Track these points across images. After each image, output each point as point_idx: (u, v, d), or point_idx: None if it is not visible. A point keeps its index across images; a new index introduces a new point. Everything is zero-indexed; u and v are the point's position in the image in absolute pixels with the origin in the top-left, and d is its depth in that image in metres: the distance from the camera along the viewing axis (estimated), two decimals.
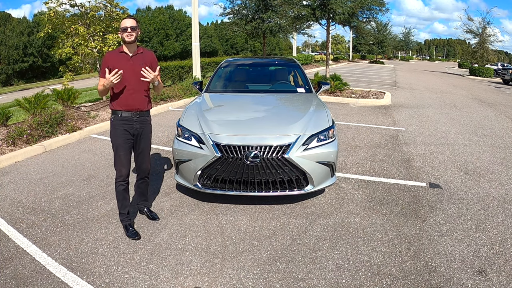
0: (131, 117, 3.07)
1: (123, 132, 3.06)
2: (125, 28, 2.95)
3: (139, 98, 3.08)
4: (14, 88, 36.91)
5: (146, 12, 57.90)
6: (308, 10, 12.02)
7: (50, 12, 9.06)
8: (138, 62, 3.03)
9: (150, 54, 3.19)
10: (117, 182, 3.08)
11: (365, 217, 3.46)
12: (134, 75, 3.00)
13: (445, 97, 12.85)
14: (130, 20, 2.99)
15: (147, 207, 3.49)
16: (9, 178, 4.54)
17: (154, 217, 3.41)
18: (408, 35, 50.97)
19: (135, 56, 3.05)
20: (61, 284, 2.50)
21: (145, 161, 3.28)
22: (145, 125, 3.18)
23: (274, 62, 6.21)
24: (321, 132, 3.56)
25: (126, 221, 3.16)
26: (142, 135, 3.17)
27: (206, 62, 16.25)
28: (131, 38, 2.97)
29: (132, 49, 3.05)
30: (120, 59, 3.00)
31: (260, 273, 2.62)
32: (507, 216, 3.54)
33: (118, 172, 3.08)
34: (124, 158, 3.06)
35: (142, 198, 3.47)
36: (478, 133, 7.15)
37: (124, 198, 3.12)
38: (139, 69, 3.01)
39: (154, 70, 3.11)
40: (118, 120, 3.07)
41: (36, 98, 7.08)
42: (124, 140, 3.06)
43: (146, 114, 3.19)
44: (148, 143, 3.27)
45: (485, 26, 27.68)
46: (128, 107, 3.05)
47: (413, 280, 2.55)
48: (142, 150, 3.23)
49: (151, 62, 3.13)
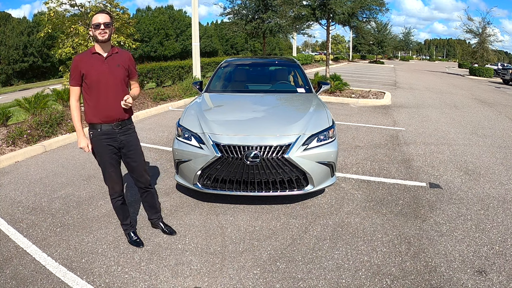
0: (113, 130, 2.70)
1: (107, 147, 2.70)
2: (97, 25, 2.54)
3: (118, 106, 2.67)
4: (14, 88, 36.94)
5: (146, 12, 57.91)
6: (308, 10, 12.02)
7: (50, 12, 9.07)
8: (114, 64, 2.66)
9: (126, 54, 2.80)
10: (112, 199, 2.86)
11: (365, 217, 3.46)
12: (111, 79, 2.63)
13: (445, 97, 12.85)
14: (103, 15, 2.58)
15: (161, 221, 3.18)
16: (9, 178, 4.54)
17: (171, 232, 3.11)
18: (408, 35, 50.97)
19: (110, 57, 2.66)
20: (61, 284, 2.50)
21: (142, 174, 2.93)
22: (129, 135, 2.81)
23: (274, 62, 6.21)
24: (321, 132, 3.56)
25: (129, 229, 3.00)
26: (129, 147, 2.80)
27: (206, 62, 16.25)
28: (105, 36, 2.57)
29: (106, 49, 2.65)
30: (94, 62, 2.61)
31: (260, 273, 2.62)
32: (507, 216, 3.54)
33: (111, 190, 2.83)
34: (115, 175, 2.78)
35: (153, 211, 3.13)
36: (478, 133, 7.15)
37: (124, 211, 2.95)
38: (116, 72, 2.65)
39: (132, 72, 2.82)
40: (99, 135, 2.68)
41: (36, 98, 7.09)
42: (110, 156, 2.73)
43: (128, 123, 2.81)
44: (139, 153, 2.89)
45: (485, 26, 27.69)
46: (108, 119, 2.66)
47: (413, 280, 2.55)
48: (134, 162, 2.85)
49: (128, 63, 2.76)
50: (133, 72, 2.84)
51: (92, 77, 2.60)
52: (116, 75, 2.66)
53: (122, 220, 2.99)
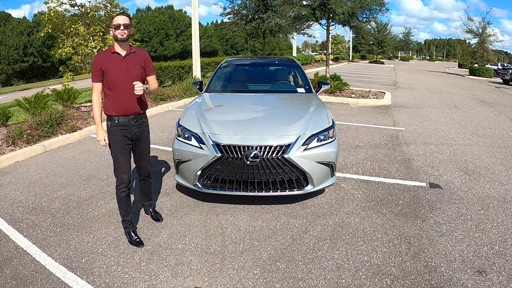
0: (129, 122, 2.96)
1: (122, 138, 2.94)
2: (117, 25, 2.79)
3: (134, 100, 2.94)
4: (14, 88, 36.92)
5: (146, 12, 57.88)
6: (308, 10, 12.02)
7: (50, 12, 9.05)
8: (132, 63, 2.90)
9: (143, 53, 3.05)
10: (119, 189, 2.97)
11: (365, 217, 3.46)
12: (129, 77, 2.86)
13: (445, 97, 12.85)
14: (123, 17, 2.84)
15: (152, 208, 3.49)
16: (9, 178, 4.54)
17: (157, 218, 3.41)
18: (408, 35, 50.97)
19: (128, 56, 2.90)
20: (61, 284, 2.50)
21: (145, 163, 3.24)
22: (143, 128, 3.10)
23: (274, 62, 6.21)
24: (321, 132, 3.56)
25: (129, 228, 3.06)
26: (141, 138, 3.10)
27: (206, 62, 16.25)
28: (124, 36, 2.82)
29: (125, 48, 2.90)
30: (113, 61, 2.85)
31: (260, 273, 2.62)
32: (507, 216, 3.54)
33: (119, 179, 2.96)
34: (125, 165, 2.96)
35: (146, 199, 3.46)
36: (478, 133, 7.15)
37: (127, 205, 3.03)
38: (133, 70, 2.89)
39: (149, 69, 3.05)
40: (115, 126, 2.93)
41: (36, 98, 7.09)
42: (123, 146, 2.95)
43: (143, 116, 3.11)
44: (147, 145, 3.21)
45: (485, 26, 27.68)
46: (125, 112, 2.92)
47: (413, 280, 2.55)
48: (142, 153, 3.17)
49: (145, 61, 3.02)
50: (149, 69, 3.08)
51: (111, 74, 2.85)
52: (133, 73, 2.90)
53: (124, 216, 3.04)
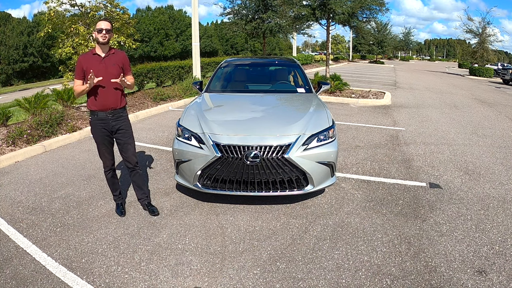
0: (106, 116, 3.27)
1: (101, 130, 3.31)
2: (100, 29, 3.13)
3: (112, 97, 3.26)
4: (14, 88, 36.93)
5: (146, 12, 57.90)
6: (308, 10, 12.02)
7: (50, 11, 9.05)
8: (110, 63, 3.21)
9: (121, 54, 3.34)
10: (105, 172, 3.48)
11: (365, 217, 3.46)
12: (107, 75, 3.16)
13: (445, 97, 12.85)
14: (106, 22, 3.17)
15: (147, 201, 3.60)
16: (9, 178, 4.54)
17: (153, 211, 3.51)
18: (408, 35, 50.95)
19: (107, 57, 3.21)
20: (61, 284, 2.50)
21: (129, 153, 3.45)
22: (121, 121, 3.36)
23: (274, 62, 6.21)
24: (321, 132, 3.56)
25: (118, 199, 3.57)
26: (119, 131, 3.36)
27: (206, 62, 16.23)
28: (105, 40, 3.15)
29: (105, 50, 3.23)
30: (93, 61, 3.18)
31: (260, 273, 2.62)
32: (507, 216, 3.54)
33: (104, 163, 3.45)
34: (106, 152, 3.40)
35: (141, 192, 3.59)
36: (478, 133, 7.15)
37: (113, 183, 3.53)
38: (111, 70, 3.19)
39: (126, 69, 3.34)
40: (95, 120, 3.29)
41: (36, 98, 7.09)
42: (102, 137, 3.33)
43: (120, 111, 3.35)
44: (129, 136, 3.43)
45: (485, 26, 27.68)
46: (103, 107, 3.24)
47: (413, 280, 2.55)
48: (124, 143, 3.42)
49: (123, 62, 3.30)
50: (127, 69, 3.37)
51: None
52: (111, 72, 3.20)
53: (113, 191, 3.57)
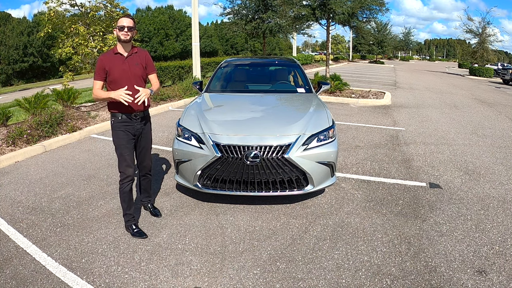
0: (132, 119, 3.08)
1: (125, 133, 3.07)
2: (122, 27, 2.91)
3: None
4: (14, 88, 36.91)
5: (146, 12, 57.94)
6: (308, 10, 12.02)
7: (50, 12, 9.06)
8: (133, 63, 3.02)
9: (144, 53, 3.16)
10: (124, 183, 3.06)
11: (365, 217, 3.46)
12: (131, 76, 2.99)
13: (445, 97, 12.85)
14: (128, 19, 2.96)
15: (151, 203, 3.57)
16: (9, 178, 4.54)
17: (156, 214, 3.48)
18: (408, 35, 50.97)
19: (130, 57, 3.02)
20: (61, 284, 2.50)
21: (146, 158, 3.33)
22: (145, 124, 3.22)
23: (274, 62, 6.21)
24: (321, 132, 3.56)
25: (131, 221, 3.15)
26: (143, 134, 3.21)
27: (206, 62, 16.24)
28: (127, 37, 2.93)
29: (127, 48, 3.02)
30: (116, 61, 2.97)
31: (260, 273, 2.62)
32: (507, 216, 3.54)
33: (124, 173, 3.05)
34: (129, 158, 3.08)
35: (145, 195, 3.54)
36: (478, 133, 7.15)
37: (130, 199, 3.13)
38: (135, 70, 3.01)
39: (150, 68, 3.15)
40: (119, 123, 3.06)
41: (36, 98, 7.09)
42: (127, 141, 3.07)
43: (146, 113, 3.22)
44: (149, 141, 3.32)
45: (485, 26, 27.68)
46: (128, 110, 3.01)
47: (413, 280, 2.55)
48: (143, 148, 3.27)
49: (146, 61, 3.12)
50: (150, 68, 3.17)
51: (114, 74, 2.97)
52: (135, 72, 3.02)
53: (126, 209, 3.13)
